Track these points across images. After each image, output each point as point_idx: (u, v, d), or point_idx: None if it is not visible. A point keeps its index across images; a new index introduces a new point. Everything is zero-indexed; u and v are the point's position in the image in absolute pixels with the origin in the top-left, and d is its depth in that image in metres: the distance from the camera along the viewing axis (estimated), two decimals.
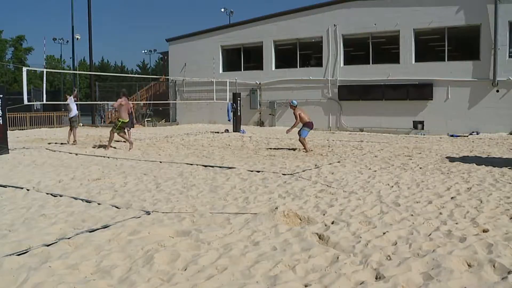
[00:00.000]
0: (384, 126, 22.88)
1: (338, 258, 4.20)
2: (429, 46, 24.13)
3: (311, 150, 13.36)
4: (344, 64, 24.99)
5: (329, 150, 13.45)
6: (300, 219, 5.58)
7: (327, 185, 7.72)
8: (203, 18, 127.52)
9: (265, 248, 4.50)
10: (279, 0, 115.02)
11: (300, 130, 13.44)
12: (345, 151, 13.18)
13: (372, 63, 24.22)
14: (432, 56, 23.35)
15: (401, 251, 4.38)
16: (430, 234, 4.91)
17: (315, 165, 10.09)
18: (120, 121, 14.05)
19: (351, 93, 24.15)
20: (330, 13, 24.99)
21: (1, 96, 13.42)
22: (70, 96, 17.20)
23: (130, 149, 13.83)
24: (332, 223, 5.36)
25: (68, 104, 16.79)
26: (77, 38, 37.98)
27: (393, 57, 23.88)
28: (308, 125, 13.45)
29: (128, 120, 14.42)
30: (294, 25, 26.11)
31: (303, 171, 9.28)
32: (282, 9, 29.62)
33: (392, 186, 7.62)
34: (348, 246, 4.51)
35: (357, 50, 25.68)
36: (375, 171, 9.33)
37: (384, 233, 4.92)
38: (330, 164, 10.36)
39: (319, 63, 26.09)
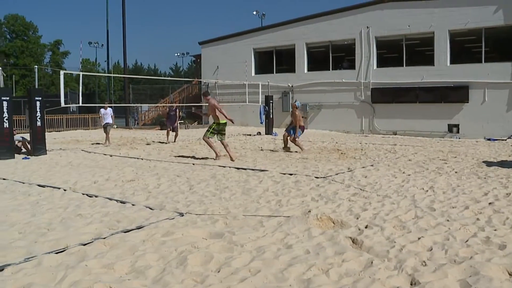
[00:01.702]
0: (417, 129, 22.54)
1: (372, 262, 4.15)
2: (465, 48, 23.68)
3: (288, 150, 13.84)
4: (377, 67, 24.75)
5: (362, 154, 13.33)
6: (333, 223, 5.54)
7: (361, 189, 7.65)
8: (235, 21, 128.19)
9: (298, 251, 4.49)
10: (311, 3, 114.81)
11: (291, 129, 13.90)
12: (378, 155, 13.03)
13: (405, 65, 23.91)
14: (468, 58, 22.89)
15: (436, 257, 4.29)
16: (467, 241, 4.79)
17: (348, 169, 10.01)
18: (219, 123, 12.19)
19: (384, 95, 23.89)
20: (362, 15, 24.80)
21: (40, 98, 13.79)
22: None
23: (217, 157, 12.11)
24: (366, 227, 5.30)
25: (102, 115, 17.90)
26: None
27: (427, 59, 23.51)
28: (302, 129, 14.08)
29: (225, 121, 12.26)
30: (326, 27, 26.00)
31: (336, 174, 9.22)
32: (314, 11, 29.58)
33: (427, 191, 7.49)
34: (382, 251, 4.45)
35: (390, 52, 25.39)
36: (409, 175, 9.19)
37: (419, 238, 4.83)
38: (363, 167, 10.26)
39: (351, 66, 25.90)
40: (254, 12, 55.97)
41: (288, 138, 14.01)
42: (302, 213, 5.92)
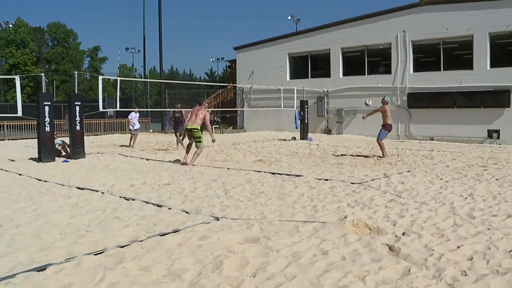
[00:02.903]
0: (455, 135, 22.04)
1: (409, 270, 4.08)
2: (507, 51, 23.07)
3: (387, 156, 13.40)
4: (414, 71, 24.35)
5: (399, 159, 13.14)
6: (370, 229, 5.48)
7: (397, 195, 7.55)
8: (270, 26, 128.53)
9: (334, 258, 4.46)
10: (346, 7, 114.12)
11: (379, 131, 13.64)
12: (415, 160, 12.82)
13: (443, 70, 23.44)
14: (509, 61, 22.26)
15: (478, 267, 4.18)
16: (510, 251, 4.65)
17: (384, 174, 9.89)
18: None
19: (420, 100, 23.48)
20: (398, 19, 24.45)
21: (79, 103, 14.12)
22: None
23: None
24: (403, 234, 5.22)
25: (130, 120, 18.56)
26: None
27: (466, 63, 23.00)
28: (388, 128, 13.55)
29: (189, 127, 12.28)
30: (361, 31, 25.77)
31: (372, 180, 9.12)
32: (349, 16, 29.36)
33: (466, 198, 7.32)
34: (420, 259, 4.37)
35: (427, 56, 24.96)
36: (447, 181, 9.00)
37: (458, 247, 4.72)
38: (399, 173, 10.12)
39: (387, 70, 25.57)
40: (289, 17, 56.04)
41: (382, 142, 13.85)
42: (338, 219, 5.88)
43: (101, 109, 15.95)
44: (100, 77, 16.26)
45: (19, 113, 13.98)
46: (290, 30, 61.29)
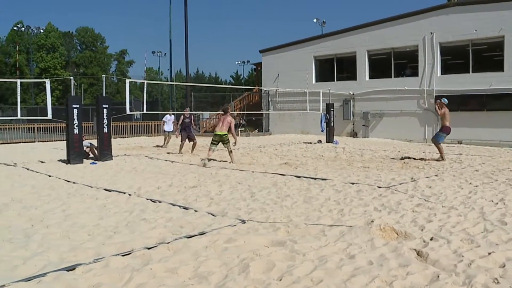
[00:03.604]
0: (485, 139, 21.61)
1: (438, 277, 4.01)
2: None
3: (444, 160, 13.31)
4: (441, 74, 23.99)
5: (426, 163, 12.95)
6: (397, 234, 5.41)
7: (425, 200, 7.44)
8: (296, 29, 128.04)
9: (361, 262, 4.42)
10: (372, 9, 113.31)
11: (436, 134, 13.46)
12: (443, 164, 12.62)
13: (472, 72, 23.01)
14: None
15: (510, 275, 4.06)
16: None
17: (411, 178, 9.76)
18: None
19: (449, 103, 23.04)
20: (426, 21, 24.13)
21: (107, 106, 14.31)
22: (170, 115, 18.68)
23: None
24: (431, 239, 5.13)
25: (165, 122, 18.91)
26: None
27: (496, 64, 22.53)
28: (446, 130, 13.37)
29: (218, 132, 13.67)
30: (388, 34, 25.52)
31: (399, 184, 9.01)
32: (375, 18, 29.14)
33: (497, 203, 7.14)
34: (449, 265, 4.29)
35: (456, 58, 24.55)
36: (476, 186, 8.82)
37: (489, 254, 4.60)
38: (427, 177, 9.97)
39: (414, 73, 25.26)
40: (315, 20, 55.94)
41: (440, 145, 13.62)
42: (364, 223, 5.82)
43: (128, 111, 16.12)
44: (127, 80, 16.44)
45: (49, 116, 14.25)
46: (315, 33, 61.13)
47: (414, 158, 14.14)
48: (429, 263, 4.42)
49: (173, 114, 19.01)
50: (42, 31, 69.64)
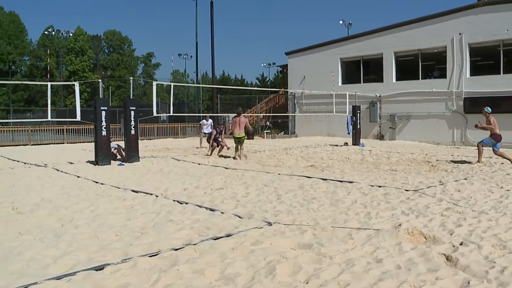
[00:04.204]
0: None
1: (469, 283, 3.92)
2: None
3: (481, 163, 13.18)
4: (471, 75, 23.55)
5: (454, 166, 12.74)
6: (425, 238, 5.32)
7: (454, 203, 7.31)
8: (322, 31, 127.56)
9: (389, 266, 4.36)
10: (398, 11, 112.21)
11: (492, 143, 13.34)
12: (472, 168, 12.39)
13: (503, 73, 22.54)
14: None
15: None
16: None
17: (440, 182, 9.60)
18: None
19: (478, 105, 22.55)
20: (454, 21, 23.71)
21: (134, 108, 14.47)
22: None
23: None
24: (461, 244, 5.03)
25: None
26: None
27: None
28: (497, 138, 13.27)
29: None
30: (415, 35, 25.19)
31: (427, 187, 8.87)
32: (402, 19, 28.79)
33: None
34: (480, 271, 4.19)
35: (486, 59, 24.10)
36: (508, 190, 8.61)
37: None
38: (456, 181, 9.79)
39: (442, 75, 24.87)
40: (341, 22, 55.65)
41: (483, 148, 13.64)
42: (392, 227, 5.75)
43: (155, 114, 16.27)
44: (154, 83, 16.62)
45: (78, 118, 14.48)
46: (341, 34, 60.81)
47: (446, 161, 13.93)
48: (459, 268, 4.34)
49: (210, 118, 19.27)
50: (71, 34, 70.92)
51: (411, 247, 4.96)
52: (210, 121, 18.84)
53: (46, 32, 70.69)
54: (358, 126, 22.09)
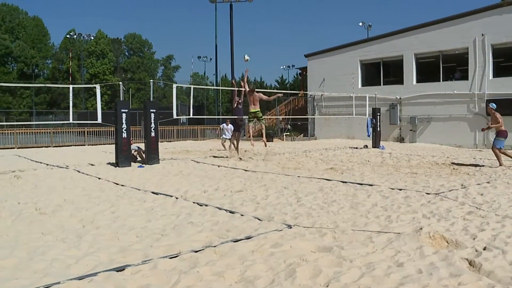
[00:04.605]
0: None
1: None
2: None
3: (503, 165, 12.91)
4: (494, 77, 23.24)
5: (477, 169, 12.55)
6: (447, 242, 5.24)
7: (477, 207, 7.18)
8: (341, 33, 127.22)
9: (410, 270, 4.30)
10: (419, 12, 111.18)
11: (494, 140, 13.14)
12: (495, 171, 12.18)
13: None
14: None
15: None
16: None
17: (462, 185, 9.45)
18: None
19: (501, 107, 22.08)
20: (476, 22, 23.42)
21: (154, 110, 14.56)
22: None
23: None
24: (484, 249, 4.92)
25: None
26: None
27: None
28: (503, 134, 13.01)
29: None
30: (436, 37, 24.95)
31: (449, 190, 8.75)
32: (422, 20, 28.44)
33: None
34: (505, 277, 4.08)
35: (509, 60, 23.74)
36: None
37: None
38: (478, 184, 9.63)
39: (464, 76, 24.60)
40: (360, 24, 55.58)
41: (497, 150, 13.27)
42: (413, 230, 5.68)
43: (175, 116, 16.34)
44: (174, 85, 16.71)
45: (99, 120, 14.64)
46: (361, 36, 60.49)
47: (464, 164, 13.73)
48: (482, 274, 4.25)
49: (230, 124, 19.37)
50: (92, 38, 71.89)
51: (432, 251, 4.89)
52: (231, 125, 18.88)
53: (68, 36, 71.82)
54: (378, 129, 21.95)
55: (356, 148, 20.97)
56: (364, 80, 28.89)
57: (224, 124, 19.37)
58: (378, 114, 22.30)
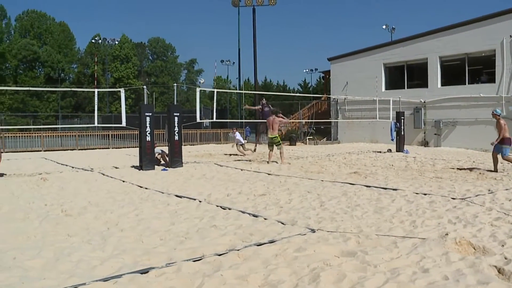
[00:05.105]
0: None
1: None
2: None
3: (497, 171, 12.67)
4: None
5: (504, 174, 12.31)
6: (474, 249, 5.13)
7: (505, 213, 7.03)
8: (364, 36, 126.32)
9: (436, 276, 4.23)
10: (443, 14, 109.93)
11: (498, 147, 12.80)
12: None
13: None
14: None
15: None
16: None
17: (489, 190, 9.27)
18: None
19: None
20: (504, 24, 22.96)
21: (178, 114, 14.66)
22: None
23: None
24: None
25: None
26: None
27: None
28: (507, 142, 12.69)
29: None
30: (461, 39, 24.56)
31: (475, 196, 8.59)
32: (447, 23, 27.98)
33: None
34: None
35: None
36: None
37: None
38: (506, 189, 9.42)
39: (491, 79, 24.15)
40: (384, 26, 55.00)
41: (498, 156, 12.98)
42: (438, 236, 5.59)
43: (198, 119, 16.42)
44: (198, 89, 16.79)
45: (123, 124, 14.80)
46: (384, 39, 60.10)
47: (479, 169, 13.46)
48: None
49: (237, 131, 19.66)
50: (116, 42, 72.80)
51: (459, 258, 4.80)
52: (237, 132, 19.21)
53: (93, 41, 72.94)
54: (402, 133, 21.69)
55: (380, 152, 20.77)
56: (387, 83, 28.62)
57: (231, 133, 19.67)
58: (402, 117, 22.04)
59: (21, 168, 14.56)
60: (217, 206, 7.85)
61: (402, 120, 21.91)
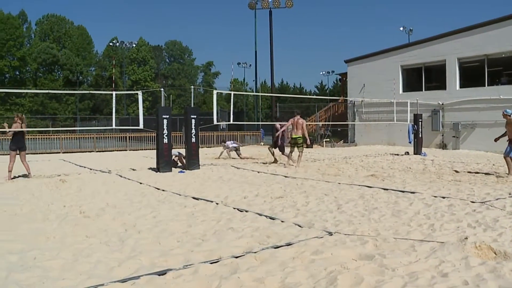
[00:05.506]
0: None
1: None
2: None
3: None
4: None
5: None
6: (495, 253, 5.03)
7: None
8: (382, 38, 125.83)
9: (455, 281, 4.16)
10: (461, 15, 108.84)
11: (506, 148, 12.58)
12: None
13: None
14: None
15: None
16: None
17: (509, 194, 9.10)
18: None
19: None
20: None
21: (195, 116, 14.71)
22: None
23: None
24: None
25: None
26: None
27: None
28: None
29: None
30: (480, 40, 24.26)
31: (495, 199, 8.46)
32: (465, 24, 27.75)
33: None
34: None
35: None
36: None
37: None
38: None
39: (510, 81, 23.84)
40: (401, 28, 54.71)
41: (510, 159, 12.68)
42: (458, 240, 5.50)
43: (215, 122, 16.46)
44: (215, 92, 16.86)
45: (141, 126, 14.89)
46: (402, 41, 59.65)
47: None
48: None
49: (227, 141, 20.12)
50: (134, 45, 73.44)
51: (479, 262, 4.71)
52: (228, 142, 19.66)
53: (111, 44, 73.69)
54: (420, 135, 21.50)
55: (397, 154, 20.61)
56: (405, 85, 28.40)
57: (223, 148, 19.91)
58: (420, 120, 21.84)
59: (41, 169, 14.76)
60: (234, 208, 7.86)
61: (420, 122, 21.72)
